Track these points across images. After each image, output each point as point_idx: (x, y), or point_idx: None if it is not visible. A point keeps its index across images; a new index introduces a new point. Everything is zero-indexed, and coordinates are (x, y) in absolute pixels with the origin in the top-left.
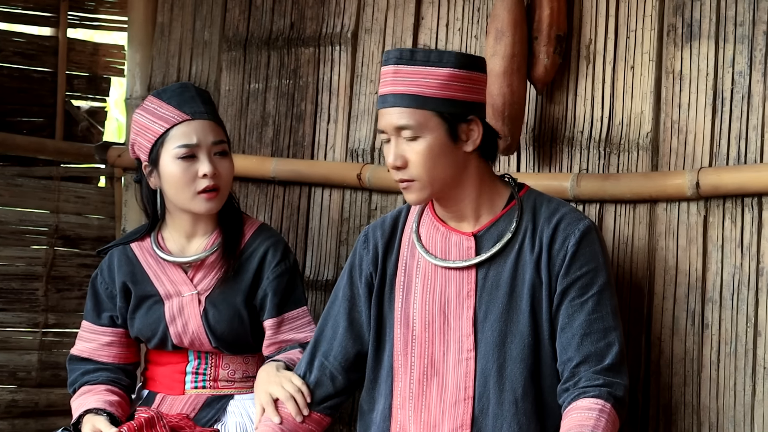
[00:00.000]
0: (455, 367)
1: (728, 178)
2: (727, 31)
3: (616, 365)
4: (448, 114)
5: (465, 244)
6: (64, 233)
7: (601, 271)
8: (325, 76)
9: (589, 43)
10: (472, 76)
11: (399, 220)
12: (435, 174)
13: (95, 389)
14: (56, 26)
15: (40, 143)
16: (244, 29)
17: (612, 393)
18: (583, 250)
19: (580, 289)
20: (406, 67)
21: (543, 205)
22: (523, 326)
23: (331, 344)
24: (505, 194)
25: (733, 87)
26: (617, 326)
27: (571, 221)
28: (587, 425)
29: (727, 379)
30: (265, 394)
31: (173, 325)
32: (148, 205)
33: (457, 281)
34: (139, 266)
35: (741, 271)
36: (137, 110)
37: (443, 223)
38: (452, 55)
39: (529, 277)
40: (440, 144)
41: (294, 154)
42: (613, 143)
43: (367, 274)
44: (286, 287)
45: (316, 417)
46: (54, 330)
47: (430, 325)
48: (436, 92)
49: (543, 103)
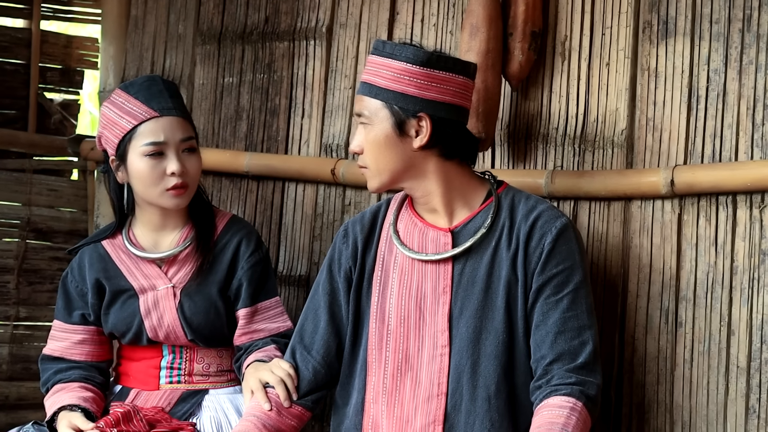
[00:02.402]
0: (429, 363)
1: (703, 176)
2: (702, 29)
3: (590, 364)
4: (397, 107)
5: (442, 239)
6: (36, 226)
7: (577, 269)
8: (299, 71)
9: (564, 39)
10: (431, 75)
11: (378, 215)
12: (381, 164)
13: (68, 387)
14: (29, 18)
15: (13, 135)
16: (218, 23)
17: (584, 392)
18: (560, 248)
19: (556, 287)
20: (375, 57)
21: (521, 202)
22: (497, 323)
23: (312, 338)
24: (482, 191)
25: (708, 85)
26: (592, 325)
27: (549, 219)
28: (557, 423)
29: (700, 378)
30: (255, 380)
31: (148, 318)
32: (116, 199)
33: (433, 276)
34: (112, 263)
35: (715, 269)
36: (105, 103)
37: (421, 219)
38: (410, 50)
39: (505, 274)
40: (385, 135)
41: (268, 149)
42: (587, 140)
43: (346, 268)
44: (260, 277)
45: (297, 411)
46: (25, 323)
47: (406, 320)
48: (387, 84)
49: (518, 99)
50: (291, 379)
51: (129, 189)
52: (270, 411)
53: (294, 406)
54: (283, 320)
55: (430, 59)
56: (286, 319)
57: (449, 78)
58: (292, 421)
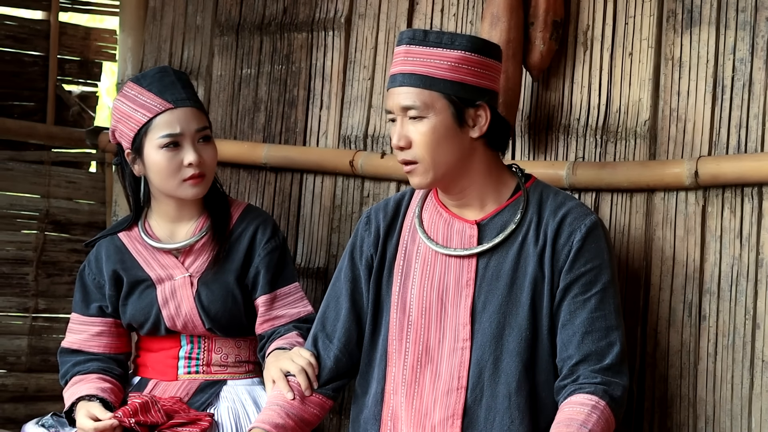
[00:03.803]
0: (450, 356)
1: (728, 167)
2: (728, 17)
3: (616, 365)
4: (456, 97)
5: (468, 232)
6: (55, 218)
7: (606, 268)
8: (318, 62)
9: (586, 29)
10: (484, 62)
11: (402, 204)
12: (438, 156)
13: (87, 378)
14: (48, 10)
15: (31, 127)
16: (236, 14)
17: (608, 391)
18: (589, 246)
19: (584, 285)
20: (417, 48)
21: (549, 198)
22: (521, 319)
23: (334, 326)
24: (511, 184)
25: (734, 74)
26: (619, 326)
27: (578, 216)
28: (577, 419)
29: (724, 372)
30: (276, 370)
31: (166, 308)
32: (131, 192)
33: (456, 269)
34: (129, 254)
35: (740, 262)
36: (117, 96)
37: (446, 210)
38: (465, 38)
39: (531, 270)
40: (445, 126)
41: (286, 141)
42: (610, 131)
43: (368, 255)
44: (277, 264)
45: (318, 400)
46: (44, 315)
47: (427, 312)
48: (444, 74)
49: (539, 90)
50: (312, 367)
51: (145, 181)
52: (293, 400)
53: (315, 394)
54: (304, 305)
55: (484, 47)
56: (306, 304)
57: (495, 65)
58: (315, 409)
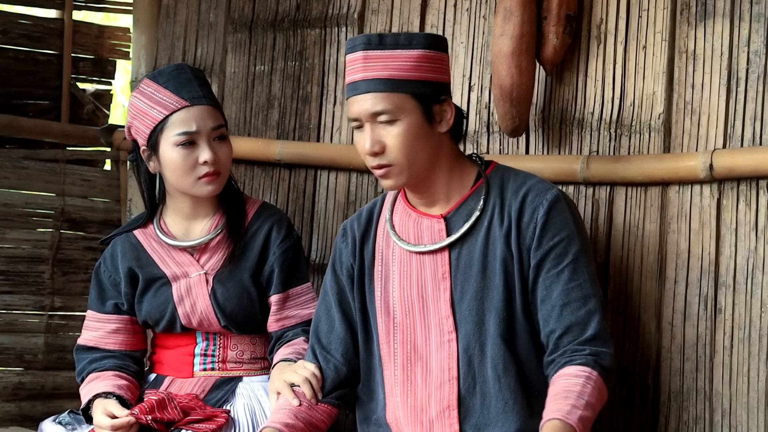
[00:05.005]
0: (438, 350)
1: (743, 159)
2: (742, 9)
3: (600, 333)
4: (423, 95)
5: (436, 227)
6: (70, 216)
7: (574, 238)
8: (331, 58)
9: (600, 22)
10: (440, 57)
11: (374, 211)
12: (413, 157)
13: (103, 375)
14: (62, 8)
15: (46, 126)
16: (249, 11)
17: (598, 361)
18: (553, 219)
19: (554, 259)
20: (376, 52)
21: (510, 180)
22: (497, 302)
23: (329, 337)
24: (472, 173)
25: (748, 66)
26: (596, 293)
27: (539, 192)
28: (573, 390)
29: (740, 365)
30: (281, 381)
31: (181, 305)
32: (146, 189)
33: (431, 265)
34: (144, 252)
35: (755, 254)
36: (134, 93)
37: (414, 209)
38: (421, 37)
39: (500, 252)
40: (417, 126)
41: (300, 137)
42: (624, 125)
43: (348, 266)
44: (291, 263)
45: (324, 408)
46: (60, 313)
47: (411, 311)
48: (409, 74)
49: (552, 84)
50: (316, 378)
51: (160, 178)
52: (299, 406)
53: (320, 404)
54: (315, 306)
55: (437, 42)
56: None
57: (445, 57)
58: (321, 415)
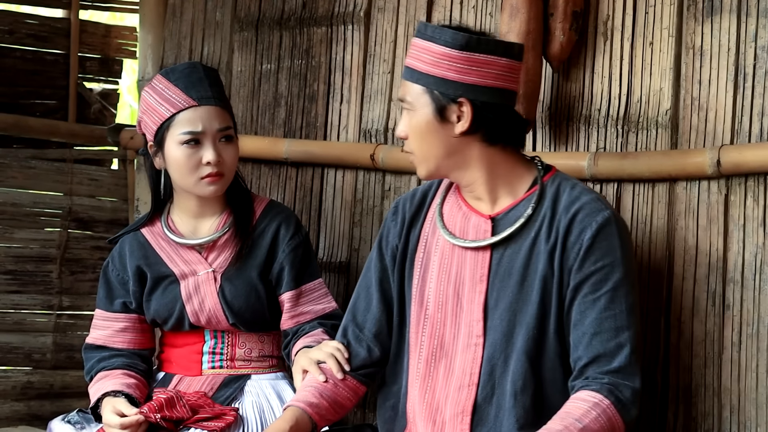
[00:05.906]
0: (464, 352)
1: (750, 155)
2: (749, 5)
3: (626, 367)
4: (437, 92)
5: (482, 226)
6: (78, 216)
7: (618, 266)
8: (337, 56)
9: (606, 19)
10: (471, 58)
11: (428, 194)
12: (425, 151)
13: (112, 374)
14: (68, 8)
15: (53, 125)
16: (255, 9)
17: (614, 392)
18: (599, 243)
19: (594, 285)
20: (417, 41)
21: (566, 192)
22: (530, 318)
23: (365, 316)
24: (528, 178)
25: (755, 62)
26: (631, 326)
27: (590, 212)
28: (573, 414)
29: (749, 361)
30: (306, 359)
31: (190, 303)
32: (153, 184)
33: (472, 264)
34: (152, 250)
35: (763, 250)
36: (145, 88)
37: (465, 203)
38: (449, 34)
39: (541, 267)
40: (426, 122)
41: (307, 135)
42: (631, 121)
43: (393, 246)
44: (302, 260)
45: (352, 384)
46: (68, 312)
47: (444, 306)
48: (427, 68)
49: (559, 81)
50: (340, 352)
51: (166, 175)
52: (325, 382)
53: (347, 378)
54: (328, 301)
55: (469, 42)
56: (330, 300)
57: (491, 61)
58: (347, 392)
